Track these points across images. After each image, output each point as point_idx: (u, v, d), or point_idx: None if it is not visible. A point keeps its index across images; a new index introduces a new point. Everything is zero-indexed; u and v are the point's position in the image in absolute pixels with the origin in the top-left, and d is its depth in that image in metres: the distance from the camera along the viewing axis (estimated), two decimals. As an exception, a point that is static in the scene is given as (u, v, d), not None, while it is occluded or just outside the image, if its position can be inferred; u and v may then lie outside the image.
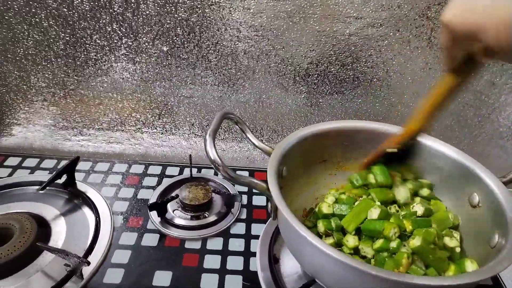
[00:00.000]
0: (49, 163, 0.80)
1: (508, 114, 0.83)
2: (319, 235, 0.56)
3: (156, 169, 0.80)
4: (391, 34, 0.74)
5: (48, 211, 0.66)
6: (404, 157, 0.58)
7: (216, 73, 0.80)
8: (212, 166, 0.47)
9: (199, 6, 0.72)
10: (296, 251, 0.51)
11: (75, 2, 0.71)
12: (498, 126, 0.85)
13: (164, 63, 0.79)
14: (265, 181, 0.49)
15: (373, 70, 0.79)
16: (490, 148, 0.89)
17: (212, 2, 0.71)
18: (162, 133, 0.90)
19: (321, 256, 0.43)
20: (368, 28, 0.74)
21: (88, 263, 0.53)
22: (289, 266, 0.61)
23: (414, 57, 0.77)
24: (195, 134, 0.90)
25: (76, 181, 0.72)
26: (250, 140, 0.59)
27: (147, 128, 0.89)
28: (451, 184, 0.58)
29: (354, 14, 0.72)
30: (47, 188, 0.69)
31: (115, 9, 0.72)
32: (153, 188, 0.74)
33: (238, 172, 0.84)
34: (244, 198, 0.74)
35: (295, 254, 0.51)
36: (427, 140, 0.60)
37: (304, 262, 0.50)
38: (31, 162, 0.80)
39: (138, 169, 0.80)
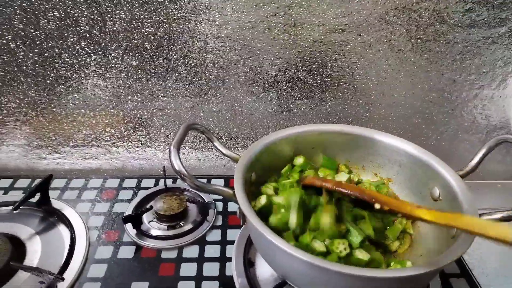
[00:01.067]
0: (23, 183, 0.80)
1: (471, 109, 0.87)
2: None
3: (132, 182, 0.81)
4: (353, 38, 0.77)
5: (22, 230, 0.66)
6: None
7: (186, 84, 0.82)
8: (178, 176, 0.48)
9: (165, 20, 0.74)
10: (265, 255, 0.52)
11: (41, 22, 0.72)
12: (462, 121, 0.89)
13: (135, 78, 0.80)
14: (233, 188, 0.51)
15: (339, 74, 0.82)
16: (457, 142, 0.92)
17: (177, 16, 0.73)
18: (137, 146, 0.90)
19: (288, 258, 0.44)
20: (331, 34, 0.77)
21: (62, 279, 0.54)
22: (264, 268, 0.62)
23: (377, 59, 0.80)
24: (172, 145, 0.91)
25: (50, 199, 0.72)
26: (217, 148, 0.60)
27: (122, 142, 0.90)
28: (413, 179, 0.61)
29: (316, 22, 0.75)
30: (21, 207, 0.69)
31: (82, 27, 0.73)
32: (129, 201, 0.75)
33: (214, 180, 0.86)
34: (220, 205, 0.75)
35: (264, 257, 0.53)
36: (387, 138, 0.63)
37: (274, 265, 0.52)
38: (4, 182, 0.80)
39: (113, 183, 0.81)
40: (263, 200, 0.56)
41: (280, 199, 0.56)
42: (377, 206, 0.50)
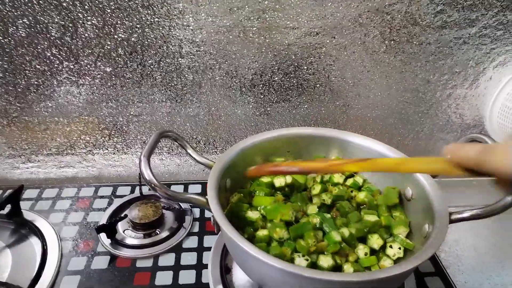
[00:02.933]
0: (-6, 194, 0.77)
1: (445, 108, 0.88)
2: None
3: (107, 190, 0.80)
4: (328, 41, 0.77)
5: (-8, 243, 0.64)
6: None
7: (162, 90, 0.81)
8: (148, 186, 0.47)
9: (138, 26, 0.73)
10: (239, 262, 0.52)
11: (10, 30, 0.70)
12: (437, 120, 0.90)
13: (109, 84, 0.79)
14: (206, 195, 0.50)
15: (315, 77, 0.82)
16: (433, 141, 0.94)
17: (151, 21, 0.72)
18: (114, 153, 0.89)
19: (261, 265, 0.44)
20: (306, 37, 0.77)
21: (31, 293, 0.52)
22: (241, 275, 0.61)
23: (352, 61, 0.80)
24: (148, 152, 0.90)
25: (22, 210, 0.70)
26: (190, 155, 0.60)
27: (98, 149, 0.88)
28: (387, 180, 0.61)
29: (291, 25, 0.75)
30: (-9, 219, 0.67)
31: (53, 34, 0.72)
32: (104, 209, 0.74)
33: (192, 186, 0.85)
34: (196, 212, 0.74)
35: (239, 264, 0.52)
36: (359, 139, 0.63)
37: (249, 272, 0.51)
38: (-25, 194, 0.77)
39: (88, 192, 0.79)
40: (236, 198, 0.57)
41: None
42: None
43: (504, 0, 0.75)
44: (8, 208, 0.68)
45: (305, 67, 0.81)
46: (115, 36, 0.74)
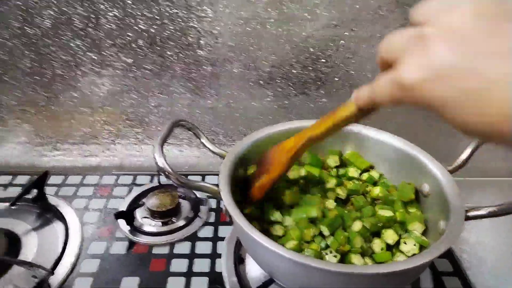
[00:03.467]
0: (22, 179, 0.81)
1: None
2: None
3: (127, 179, 0.82)
4: (346, 33, 0.76)
5: (19, 226, 0.68)
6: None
7: (181, 81, 0.82)
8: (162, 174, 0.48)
9: (157, 17, 0.74)
10: (252, 253, 0.52)
11: (36, 20, 0.73)
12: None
13: (130, 75, 0.81)
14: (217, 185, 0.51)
15: (334, 70, 0.81)
16: (457, 140, 0.90)
17: (169, 13, 0.73)
18: (135, 144, 0.91)
19: (274, 257, 0.44)
20: (324, 29, 0.76)
21: (52, 273, 0.55)
22: (254, 265, 0.62)
23: (371, 54, 0.79)
24: (167, 142, 0.90)
25: (46, 195, 0.73)
26: (204, 145, 0.61)
27: (120, 139, 0.91)
28: (403, 175, 0.60)
29: (308, 17, 0.74)
30: (18, 204, 0.70)
31: (76, 25, 0.74)
32: (123, 197, 0.76)
33: (209, 177, 0.86)
34: (213, 202, 0.76)
35: (251, 255, 0.53)
36: (374, 133, 0.62)
37: (260, 263, 0.52)
38: (4, 179, 0.81)
39: (109, 180, 0.82)
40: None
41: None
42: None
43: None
44: (34, 193, 0.72)
45: (323, 60, 0.80)
46: (136, 28, 0.75)
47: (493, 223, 0.79)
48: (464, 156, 0.56)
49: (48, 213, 0.71)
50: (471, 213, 0.48)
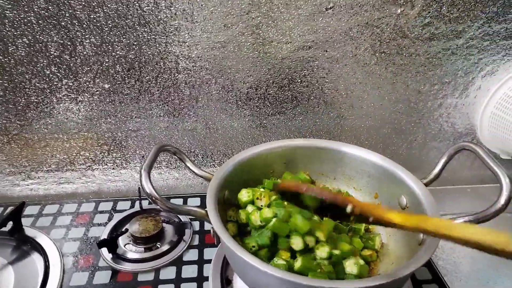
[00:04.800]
0: (-5, 211, 0.78)
1: (437, 117, 0.91)
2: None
3: (107, 205, 0.81)
4: (320, 54, 0.80)
5: (-6, 261, 0.65)
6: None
7: (160, 105, 0.83)
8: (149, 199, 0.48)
9: (135, 43, 0.75)
10: (239, 272, 0.53)
11: (10, 49, 0.72)
12: (430, 129, 0.92)
13: (107, 100, 0.81)
14: (205, 208, 0.52)
15: (309, 89, 0.84)
16: (426, 150, 0.96)
17: (147, 38, 0.74)
18: (113, 168, 0.90)
19: (261, 275, 0.45)
20: (299, 51, 0.79)
21: (34, 310, 0.53)
22: (242, 286, 0.62)
23: (344, 73, 0.82)
24: (147, 166, 0.91)
25: (23, 227, 0.71)
26: (189, 168, 0.61)
27: (97, 165, 0.89)
28: (382, 189, 0.63)
29: (284, 39, 0.77)
30: (-7, 237, 0.68)
31: (52, 53, 0.74)
32: (104, 224, 0.75)
33: (191, 199, 0.86)
34: (196, 225, 0.75)
35: (239, 275, 0.53)
36: (354, 150, 0.65)
37: (248, 282, 0.52)
38: (-25, 212, 0.78)
39: (88, 207, 0.80)
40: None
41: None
42: (349, 208, 0.47)
43: (488, 12, 0.78)
44: (10, 225, 0.69)
45: (299, 80, 0.83)
46: (113, 54, 0.75)
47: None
48: (437, 169, 0.59)
49: (25, 246, 0.69)
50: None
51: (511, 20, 0.79)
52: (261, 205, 0.59)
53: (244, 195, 0.60)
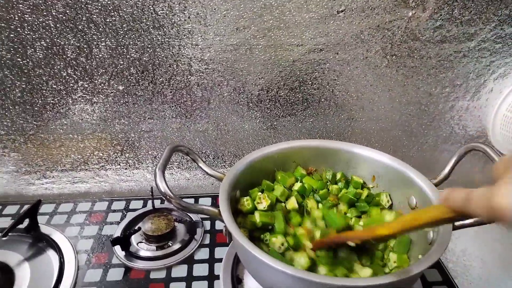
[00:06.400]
0: (12, 209, 0.80)
1: (448, 120, 0.90)
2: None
3: (120, 204, 0.82)
4: (331, 57, 0.80)
5: (11, 257, 0.67)
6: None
7: (172, 106, 0.84)
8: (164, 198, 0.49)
9: (149, 46, 0.76)
10: (252, 271, 0.53)
11: (29, 52, 0.74)
12: (441, 132, 0.92)
13: (121, 101, 0.82)
14: (218, 207, 0.52)
15: (320, 91, 0.85)
16: (438, 153, 0.95)
17: (161, 41, 0.76)
18: (126, 169, 0.92)
19: (273, 273, 0.46)
20: (310, 53, 0.80)
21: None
22: (253, 285, 0.63)
23: (355, 76, 0.83)
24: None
25: (39, 225, 0.72)
26: (202, 168, 0.62)
27: (110, 165, 0.91)
28: (392, 189, 0.63)
29: (295, 42, 0.78)
30: (10, 234, 0.69)
31: (68, 55, 0.76)
32: (118, 223, 0.76)
33: (202, 199, 0.88)
34: (207, 224, 0.76)
35: (251, 273, 0.54)
36: (364, 151, 0.65)
37: (260, 280, 0.53)
38: (-7, 210, 0.80)
39: (102, 206, 0.82)
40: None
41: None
42: (351, 243, 0.50)
43: (501, 14, 0.78)
44: (26, 222, 0.71)
45: (310, 82, 0.84)
46: (128, 56, 0.77)
47: (478, 233, 0.83)
48: (447, 170, 0.60)
49: (41, 243, 0.70)
50: (458, 223, 0.50)
51: (523, 23, 0.79)
52: (264, 207, 0.60)
53: (245, 204, 0.60)
